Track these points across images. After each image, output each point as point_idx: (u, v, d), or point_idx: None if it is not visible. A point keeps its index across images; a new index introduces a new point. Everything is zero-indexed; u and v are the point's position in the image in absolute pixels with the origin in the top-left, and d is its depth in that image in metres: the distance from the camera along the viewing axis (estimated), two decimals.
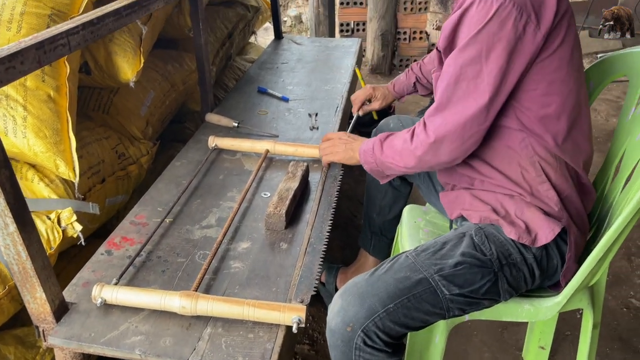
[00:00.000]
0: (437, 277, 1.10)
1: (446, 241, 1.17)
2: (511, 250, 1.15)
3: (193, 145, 1.81)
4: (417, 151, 1.22)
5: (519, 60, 1.10)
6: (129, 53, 1.58)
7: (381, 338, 1.08)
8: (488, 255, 1.14)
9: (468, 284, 1.11)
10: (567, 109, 1.17)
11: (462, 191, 1.29)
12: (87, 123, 1.66)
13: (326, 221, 1.39)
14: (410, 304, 1.08)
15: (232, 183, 1.61)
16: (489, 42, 1.08)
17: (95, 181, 1.54)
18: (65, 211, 1.31)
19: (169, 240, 1.35)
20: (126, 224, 1.39)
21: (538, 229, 1.15)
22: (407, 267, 1.12)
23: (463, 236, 1.17)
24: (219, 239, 1.29)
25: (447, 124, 1.15)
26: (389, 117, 1.81)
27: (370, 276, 1.13)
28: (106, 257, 1.28)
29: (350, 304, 1.09)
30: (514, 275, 1.15)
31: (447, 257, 1.13)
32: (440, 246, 1.16)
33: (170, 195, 1.52)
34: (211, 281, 1.22)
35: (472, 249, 1.14)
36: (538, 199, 1.19)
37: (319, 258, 1.25)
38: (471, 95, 1.12)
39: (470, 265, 1.12)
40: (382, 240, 1.81)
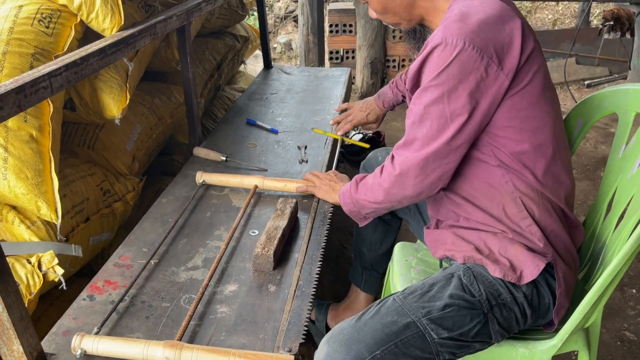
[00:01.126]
0: (425, 321, 1.07)
1: (434, 282, 1.15)
2: (500, 290, 1.13)
3: (180, 180, 1.78)
4: (385, 183, 1.27)
5: (482, 101, 1.12)
6: (115, 90, 1.56)
7: None
8: (477, 297, 1.11)
9: (457, 327, 1.08)
10: (544, 143, 1.17)
11: (444, 231, 1.28)
12: (71, 160, 1.63)
13: (315, 262, 1.36)
14: (398, 350, 1.06)
15: (220, 221, 1.57)
16: (450, 84, 1.11)
17: (79, 220, 1.50)
18: (46, 254, 1.28)
19: (153, 283, 1.31)
20: (110, 266, 1.35)
21: (523, 265, 1.14)
22: (394, 311, 1.09)
23: (451, 277, 1.15)
24: (205, 283, 1.26)
25: (411, 158, 1.19)
26: (377, 150, 1.80)
27: (356, 321, 1.10)
28: (88, 302, 1.23)
29: (336, 351, 1.05)
30: (504, 316, 1.13)
31: (435, 300, 1.11)
32: (428, 288, 1.14)
33: (156, 234, 1.49)
34: (196, 327, 1.18)
35: (460, 291, 1.12)
36: (521, 235, 1.19)
37: (307, 302, 1.22)
38: (434, 133, 1.15)
39: (459, 307, 1.09)
40: (373, 275, 1.78)
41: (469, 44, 1.07)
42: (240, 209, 1.63)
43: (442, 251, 1.25)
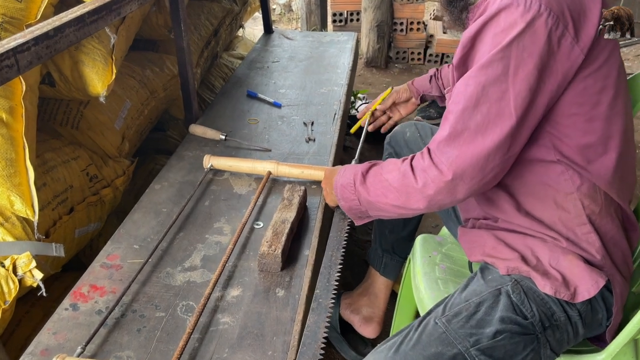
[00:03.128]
0: (474, 352, 0.92)
1: (481, 301, 0.98)
2: (554, 308, 0.97)
3: (175, 163, 1.60)
4: (428, 190, 1.00)
5: (550, 80, 0.92)
6: (99, 63, 1.37)
7: None
8: (530, 319, 0.95)
9: (509, 356, 0.93)
10: (614, 135, 0.99)
11: (483, 232, 1.11)
12: (52, 142, 1.46)
13: (334, 266, 1.20)
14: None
15: (220, 211, 1.41)
16: (518, 58, 0.90)
17: (62, 212, 1.34)
18: (22, 256, 1.12)
19: (146, 288, 1.15)
20: (96, 267, 1.20)
21: (578, 281, 0.98)
22: (438, 340, 0.93)
23: (499, 294, 0.98)
24: (207, 292, 1.10)
25: (465, 156, 0.95)
26: (406, 124, 1.62)
27: (394, 353, 0.94)
28: (71, 313, 1.08)
29: None
30: (557, 338, 0.98)
31: (483, 325, 0.94)
32: (474, 309, 0.97)
33: (148, 228, 1.33)
34: (196, 343, 1.03)
35: (511, 312, 0.95)
36: (576, 244, 1.01)
37: (325, 317, 1.06)
38: (494, 120, 0.93)
39: (511, 334, 0.93)
40: (394, 259, 1.63)
41: (545, 7, 0.88)
42: (240, 195, 1.47)
43: (480, 255, 1.08)
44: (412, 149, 1.50)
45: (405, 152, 1.51)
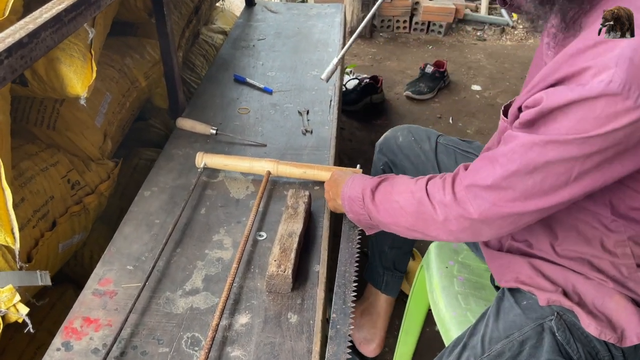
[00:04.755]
0: None
1: (524, 340, 0.90)
2: (598, 347, 0.89)
3: (164, 164, 1.47)
4: (450, 226, 0.92)
5: (625, 163, 0.78)
6: (77, 60, 1.22)
7: None
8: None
9: None
10: None
11: (516, 257, 1.01)
12: (27, 147, 1.31)
13: (349, 285, 1.10)
14: None
15: (218, 220, 1.30)
16: (601, 147, 0.75)
17: (43, 228, 1.21)
18: (4, 290, 1.00)
19: (145, 318, 1.05)
20: (88, 295, 1.08)
21: (625, 324, 0.89)
22: None
23: (542, 331, 0.90)
24: (215, 323, 1.00)
25: (501, 211, 0.85)
26: (396, 128, 1.49)
27: None
28: (64, 353, 0.97)
29: None
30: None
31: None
32: (517, 348, 0.89)
33: (141, 244, 1.21)
34: None
35: (557, 354, 0.88)
36: (623, 285, 0.92)
37: (345, 349, 0.98)
38: (545, 190, 0.82)
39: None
40: (395, 276, 1.56)
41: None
42: (238, 201, 1.36)
43: (514, 282, 0.99)
44: (407, 154, 1.39)
45: (400, 158, 1.40)
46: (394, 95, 3.13)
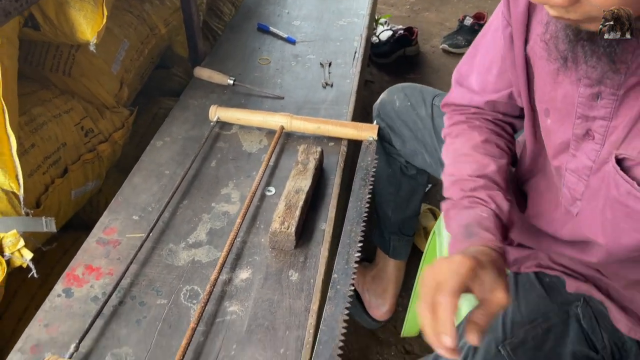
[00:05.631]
0: None
1: (548, 328, 0.85)
2: (625, 338, 0.84)
3: (179, 114, 1.45)
4: None
5: None
6: (87, 4, 1.19)
7: None
8: (600, 351, 0.83)
9: None
10: None
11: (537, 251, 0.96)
12: (41, 93, 1.31)
13: (354, 245, 1.07)
14: None
15: (228, 173, 1.28)
16: None
17: (54, 174, 1.22)
18: (9, 235, 1.01)
19: (146, 269, 1.05)
20: (92, 244, 1.09)
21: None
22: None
23: (567, 317, 0.85)
24: (214, 277, 0.99)
25: None
26: (393, 89, 1.38)
27: None
28: (64, 300, 0.98)
29: None
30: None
31: (552, 357, 0.82)
32: (542, 337, 0.84)
33: (149, 194, 1.21)
34: (201, 337, 0.94)
35: (584, 345, 0.83)
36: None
37: (343, 309, 0.96)
38: None
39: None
40: (402, 239, 1.51)
41: None
42: (250, 154, 1.33)
43: (535, 267, 0.92)
44: (405, 120, 1.30)
45: (398, 124, 1.32)
46: (430, 49, 3.01)
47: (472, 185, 0.84)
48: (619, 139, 0.64)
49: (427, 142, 1.26)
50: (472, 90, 0.98)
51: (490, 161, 0.87)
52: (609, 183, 0.66)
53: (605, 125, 0.66)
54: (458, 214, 0.81)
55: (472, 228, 0.75)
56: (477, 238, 0.73)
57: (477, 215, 0.77)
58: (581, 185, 0.74)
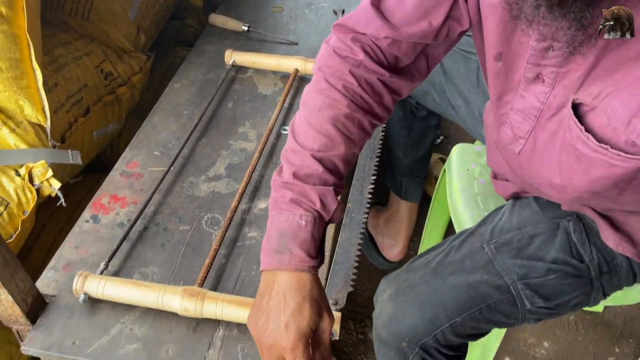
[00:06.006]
0: (520, 285, 0.84)
1: (535, 234, 0.88)
2: (615, 253, 0.87)
3: (195, 59, 1.48)
4: None
5: None
6: None
7: (443, 352, 0.87)
8: (587, 261, 0.86)
9: (556, 296, 0.86)
10: None
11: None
12: (61, 36, 1.34)
13: (367, 178, 1.11)
14: (482, 316, 0.85)
15: (244, 113, 1.31)
16: None
17: (77, 114, 1.26)
18: (37, 165, 1.05)
19: (168, 198, 1.10)
20: (116, 176, 1.13)
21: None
22: (484, 268, 0.86)
23: (556, 229, 0.88)
24: (234, 205, 1.04)
25: None
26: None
27: (432, 276, 0.87)
28: (92, 225, 1.04)
29: (407, 314, 0.85)
30: (613, 283, 0.89)
31: (535, 259, 0.86)
32: (527, 241, 0.88)
33: (168, 132, 1.25)
34: (222, 259, 0.99)
35: (567, 254, 0.86)
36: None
37: (358, 234, 1.00)
38: None
39: (564, 274, 0.85)
40: (414, 182, 1.54)
41: None
42: (266, 96, 1.36)
43: (535, 193, 0.95)
44: None
45: (445, 105, 1.31)
46: None
47: (309, 171, 0.75)
48: (575, 84, 0.66)
49: (436, 82, 1.28)
50: (389, 20, 0.78)
51: (342, 143, 0.77)
52: (565, 127, 0.68)
53: (556, 71, 0.67)
54: (279, 214, 0.74)
55: (286, 241, 0.72)
56: (288, 256, 0.71)
57: (294, 223, 0.73)
58: (526, 124, 0.75)
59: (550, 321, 1.55)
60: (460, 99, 1.25)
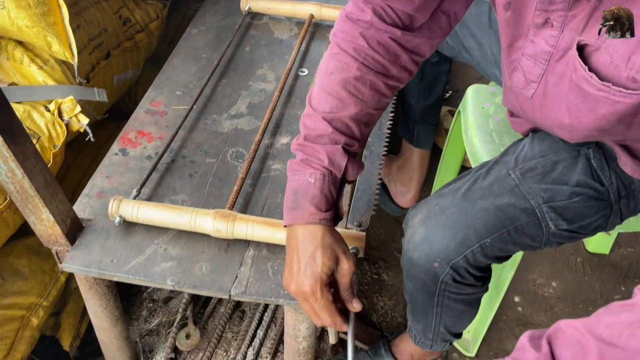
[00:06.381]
0: (546, 209, 0.88)
1: (558, 160, 0.92)
2: (632, 178, 0.91)
3: (210, 7, 1.50)
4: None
5: None
6: None
7: (471, 273, 0.91)
8: (606, 185, 0.90)
9: (579, 219, 0.89)
10: None
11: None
12: None
13: (386, 113, 1.14)
14: (509, 237, 0.88)
15: (262, 57, 1.34)
16: None
17: (99, 57, 1.28)
18: (66, 101, 1.08)
19: (193, 134, 1.13)
20: (141, 113, 1.17)
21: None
22: (511, 192, 0.89)
23: (577, 155, 0.92)
24: (257, 138, 1.07)
25: None
26: None
27: (462, 199, 0.90)
28: (121, 157, 1.07)
29: (438, 235, 0.88)
30: (630, 208, 0.93)
31: (558, 183, 0.89)
32: (550, 167, 0.91)
33: (189, 74, 1.27)
34: (249, 188, 1.03)
35: (589, 177, 0.90)
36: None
37: (378, 165, 1.04)
38: None
39: (586, 197, 0.89)
40: (426, 128, 1.57)
41: None
42: (282, 41, 1.39)
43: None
44: None
45: (459, 49, 1.31)
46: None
47: (319, 132, 0.79)
48: (580, 26, 0.69)
49: None
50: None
51: (352, 104, 0.79)
52: (571, 68, 0.71)
53: (564, 15, 0.70)
54: (293, 174, 0.79)
55: (299, 198, 0.77)
56: (301, 211, 0.76)
57: (305, 181, 0.77)
58: (538, 68, 0.79)
59: (558, 263, 1.60)
60: (473, 41, 1.27)
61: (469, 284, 0.92)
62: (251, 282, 0.89)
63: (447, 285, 0.92)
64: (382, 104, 0.85)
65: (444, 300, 0.95)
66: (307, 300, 0.75)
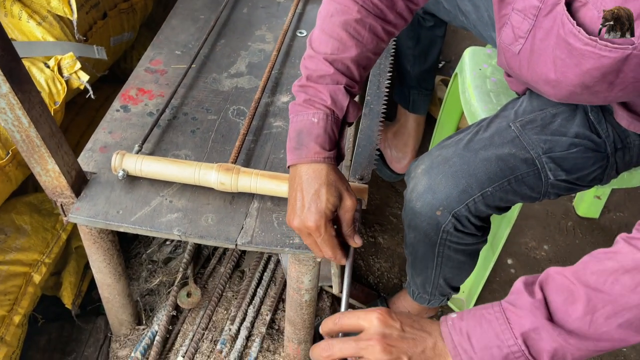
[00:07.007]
0: (545, 159, 0.90)
1: (557, 113, 0.94)
2: (628, 132, 0.93)
3: None
4: None
5: None
6: None
7: (472, 222, 0.93)
8: (603, 137, 0.92)
9: (577, 170, 0.92)
10: None
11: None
12: None
13: (384, 73, 1.15)
14: (510, 187, 0.90)
15: (260, 18, 1.34)
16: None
17: (96, 17, 1.27)
18: (66, 57, 1.08)
19: (194, 92, 1.13)
20: (140, 71, 1.16)
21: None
22: (511, 143, 0.91)
23: (575, 108, 0.94)
24: (257, 96, 1.08)
25: None
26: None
27: (464, 150, 0.92)
28: (123, 114, 1.07)
29: (441, 185, 0.90)
30: (625, 161, 0.95)
31: (557, 135, 0.92)
32: (550, 119, 0.93)
33: (187, 34, 1.27)
34: (251, 144, 1.03)
35: (586, 129, 0.92)
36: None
37: (377, 122, 1.05)
38: None
39: (584, 148, 0.91)
40: (421, 93, 1.58)
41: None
42: (280, 3, 1.39)
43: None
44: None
45: (455, 12, 1.31)
46: None
47: (321, 73, 0.81)
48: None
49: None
50: None
51: (353, 46, 0.81)
52: (559, 23, 0.73)
53: None
54: (296, 115, 0.81)
55: (303, 138, 0.79)
56: (305, 150, 0.78)
57: (308, 121, 0.79)
58: (526, 23, 0.80)
59: (550, 227, 1.63)
60: (469, 4, 1.28)
61: (470, 233, 0.94)
62: (257, 233, 0.90)
63: (448, 235, 0.94)
64: (379, 49, 0.87)
65: (445, 250, 0.97)
66: (310, 235, 0.77)
